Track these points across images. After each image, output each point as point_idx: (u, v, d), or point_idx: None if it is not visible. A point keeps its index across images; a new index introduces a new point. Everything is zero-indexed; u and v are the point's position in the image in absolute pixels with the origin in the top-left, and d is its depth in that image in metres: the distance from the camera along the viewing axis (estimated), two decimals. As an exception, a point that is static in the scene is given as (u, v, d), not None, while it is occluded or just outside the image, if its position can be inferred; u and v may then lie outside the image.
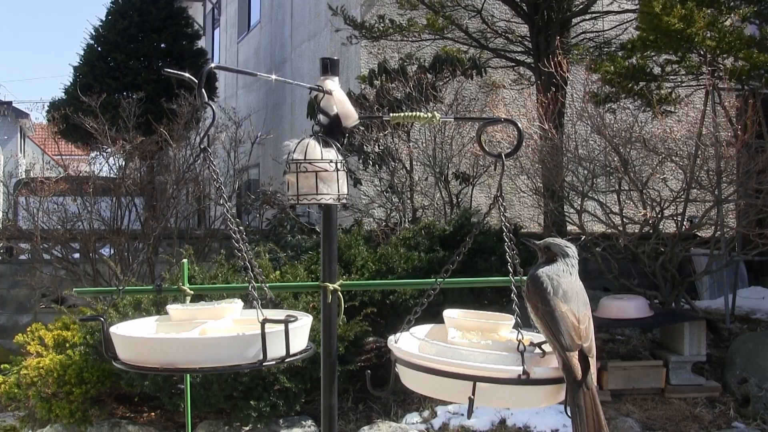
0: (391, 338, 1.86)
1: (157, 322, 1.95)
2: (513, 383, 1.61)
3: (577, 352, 1.64)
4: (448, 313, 1.95)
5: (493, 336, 1.89)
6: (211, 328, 1.82)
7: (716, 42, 6.59)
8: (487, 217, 2.14)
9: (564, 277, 1.74)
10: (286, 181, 1.99)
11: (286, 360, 1.71)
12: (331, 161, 1.95)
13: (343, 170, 1.99)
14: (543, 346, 1.76)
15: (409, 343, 1.85)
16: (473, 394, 1.60)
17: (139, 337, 1.75)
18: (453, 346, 1.76)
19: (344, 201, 2.02)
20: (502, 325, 1.91)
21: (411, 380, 1.75)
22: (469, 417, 1.70)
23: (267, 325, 1.64)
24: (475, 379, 1.60)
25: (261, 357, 1.64)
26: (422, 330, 1.95)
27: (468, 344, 1.80)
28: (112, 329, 1.76)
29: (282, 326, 1.67)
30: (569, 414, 1.66)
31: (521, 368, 1.61)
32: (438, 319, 1.98)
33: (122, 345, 1.73)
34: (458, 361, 1.65)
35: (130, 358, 1.70)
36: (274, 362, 1.68)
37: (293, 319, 1.68)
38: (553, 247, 1.80)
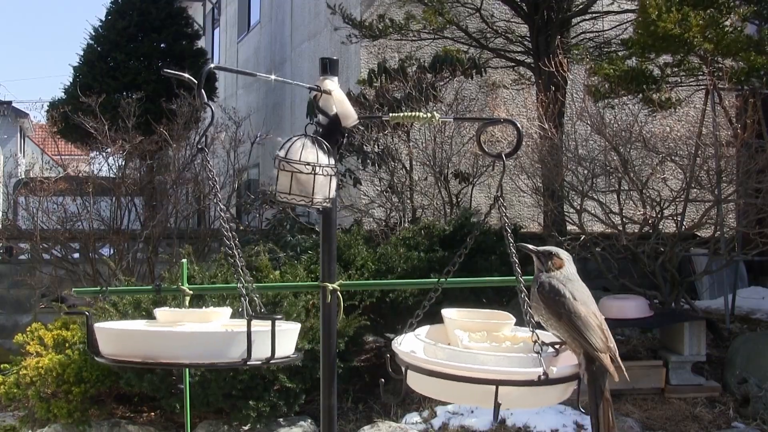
0: (395, 342, 1.85)
1: (146, 324, 1.95)
2: (533, 385, 1.63)
3: (608, 354, 1.70)
4: (448, 314, 1.95)
5: (497, 336, 1.90)
6: (197, 329, 1.81)
7: (714, 44, 6.59)
8: (487, 217, 2.14)
9: (575, 283, 1.78)
10: (274, 174, 1.98)
11: (271, 362, 1.67)
12: (307, 164, 1.89)
13: (324, 175, 1.92)
14: (556, 346, 1.79)
15: (413, 345, 1.85)
16: (496, 397, 1.61)
17: (122, 329, 1.75)
18: (469, 350, 1.76)
19: (321, 206, 1.94)
20: (504, 325, 1.93)
21: (422, 385, 1.74)
22: (496, 420, 1.72)
23: (255, 326, 1.62)
24: (497, 383, 1.62)
25: (246, 356, 1.61)
26: (421, 332, 1.94)
27: (484, 348, 1.81)
28: (97, 324, 1.74)
29: (269, 326, 1.65)
30: (582, 409, 1.72)
31: (541, 369, 1.63)
32: (436, 318, 1.98)
33: (106, 338, 1.70)
34: (477, 366, 1.66)
35: (112, 352, 1.68)
36: (258, 363, 1.65)
37: (280, 317, 1.67)
38: (561, 254, 1.81)
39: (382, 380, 1.94)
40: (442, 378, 1.66)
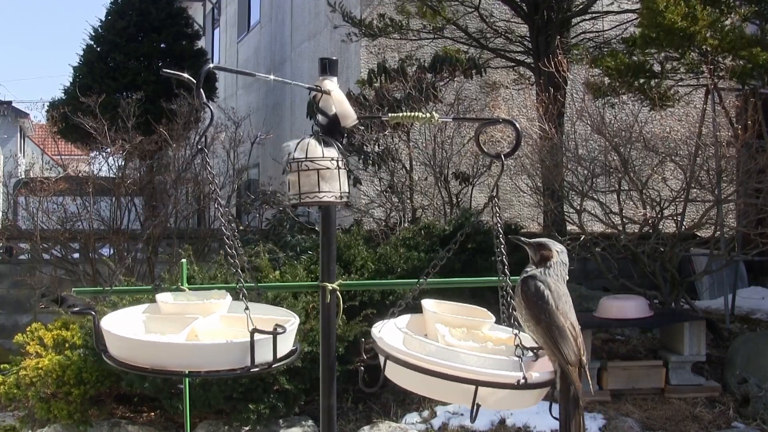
0: (375, 330, 1.87)
1: (146, 313, 1.96)
2: (512, 388, 1.66)
3: (578, 367, 1.72)
4: (428, 305, 1.98)
5: (477, 334, 1.93)
6: (199, 326, 1.84)
7: (718, 41, 6.59)
8: (484, 216, 2.16)
9: (559, 285, 1.78)
10: (287, 180, 1.98)
11: (273, 366, 1.74)
12: (332, 159, 1.95)
13: (344, 168, 1.98)
14: (537, 351, 1.81)
15: (393, 335, 1.86)
16: (475, 398, 1.63)
17: (131, 338, 1.76)
18: (451, 348, 1.77)
19: (345, 199, 2.00)
20: (484, 323, 1.96)
21: (400, 377, 1.75)
22: (473, 421, 1.72)
23: (257, 334, 1.68)
24: (477, 383, 1.64)
25: (249, 363, 1.68)
26: (402, 321, 1.97)
27: (467, 347, 1.82)
28: (104, 324, 1.77)
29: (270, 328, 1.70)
30: (554, 415, 1.77)
31: (521, 374, 1.66)
32: (420, 308, 1.99)
33: (114, 342, 1.74)
34: (458, 364, 1.68)
35: (120, 355, 1.73)
36: (259, 369, 1.71)
37: (282, 331, 1.71)
38: (550, 245, 1.82)
39: (362, 367, 1.93)
40: (423, 373, 1.68)
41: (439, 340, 1.84)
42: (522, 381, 1.65)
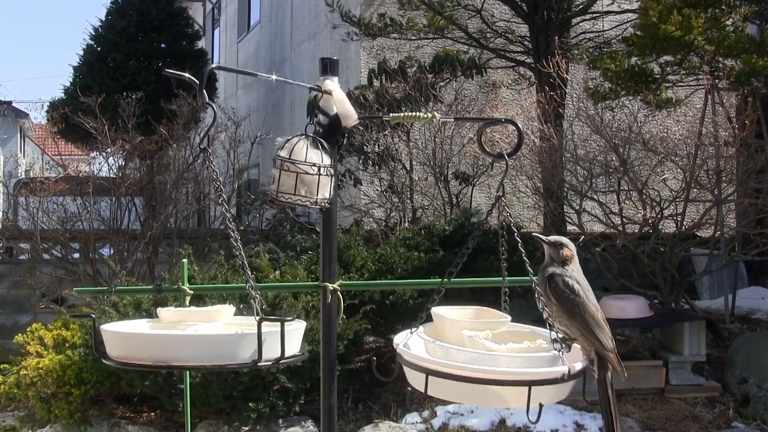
0: (401, 347, 1.84)
1: (149, 323, 1.94)
2: (560, 382, 1.68)
3: (614, 353, 1.80)
4: (441, 312, 1.97)
5: (500, 334, 1.93)
6: (203, 329, 1.82)
7: (716, 45, 6.58)
8: (488, 217, 2.15)
9: (583, 282, 1.83)
10: (271, 173, 1.97)
11: (281, 362, 1.70)
12: (313, 165, 1.91)
13: (327, 175, 1.94)
14: (568, 342, 1.84)
15: (420, 348, 1.86)
16: (529, 398, 1.64)
17: (131, 332, 1.74)
18: (491, 352, 1.78)
19: (325, 206, 1.96)
20: (503, 322, 1.98)
21: (439, 389, 1.72)
22: (536, 421, 1.73)
23: (263, 327, 1.64)
24: (530, 383, 1.65)
25: (256, 357, 1.63)
26: (421, 332, 1.96)
27: (507, 349, 1.84)
28: (104, 326, 1.75)
29: (277, 326, 1.67)
30: (587, 399, 1.83)
31: (565, 367, 1.69)
32: (429, 318, 1.99)
33: (114, 341, 1.71)
34: (508, 368, 1.70)
35: (120, 355, 1.68)
36: (269, 363, 1.67)
37: (290, 318, 1.69)
38: (569, 244, 1.84)
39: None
40: (475, 383, 1.65)
41: (467, 344, 1.84)
42: (567, 373, 1.68)
